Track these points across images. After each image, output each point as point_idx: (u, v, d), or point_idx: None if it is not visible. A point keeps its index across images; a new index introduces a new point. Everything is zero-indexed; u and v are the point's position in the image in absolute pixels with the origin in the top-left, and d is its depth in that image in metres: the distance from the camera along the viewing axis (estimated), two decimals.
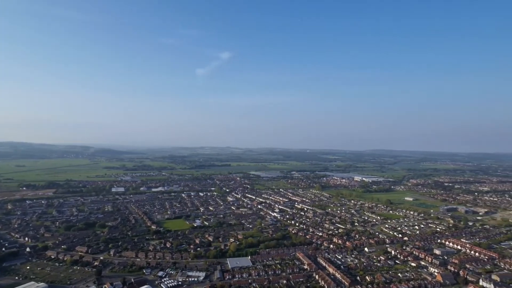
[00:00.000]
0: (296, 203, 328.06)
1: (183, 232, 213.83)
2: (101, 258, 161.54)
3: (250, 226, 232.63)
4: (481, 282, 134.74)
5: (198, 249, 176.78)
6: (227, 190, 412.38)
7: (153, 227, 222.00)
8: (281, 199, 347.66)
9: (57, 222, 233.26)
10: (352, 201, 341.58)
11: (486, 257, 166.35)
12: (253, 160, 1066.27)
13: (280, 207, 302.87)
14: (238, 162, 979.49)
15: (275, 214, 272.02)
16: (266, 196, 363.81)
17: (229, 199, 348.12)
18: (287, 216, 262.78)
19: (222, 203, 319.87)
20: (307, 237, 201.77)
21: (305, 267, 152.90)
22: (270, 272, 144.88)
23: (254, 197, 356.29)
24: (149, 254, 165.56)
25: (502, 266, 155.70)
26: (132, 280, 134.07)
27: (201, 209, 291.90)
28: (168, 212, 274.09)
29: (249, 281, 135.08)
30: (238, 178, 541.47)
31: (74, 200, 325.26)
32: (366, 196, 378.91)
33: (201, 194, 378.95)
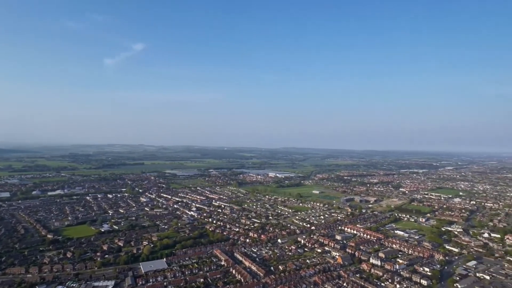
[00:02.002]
0: (213, 200, 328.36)
1: (87, 239, 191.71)
2: None
3: (166, 227, 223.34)
4: (371, 260, 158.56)
5: (106, 256, 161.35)
6: (140, 190, 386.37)
7: (49, 236, 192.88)
8: (198, 197, 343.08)
9: None
10: (267, 196, 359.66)
11: (375, 238, 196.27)
12: (168, 158, 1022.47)
13: (198, 205, 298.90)
14: (152, 160, 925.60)
15: (192, 213, 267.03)
16: (182, 195, 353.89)
17: (143, 199, 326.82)
18: (205, 214, 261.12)
19: (134, 205, 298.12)
20: (225, 233, 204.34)
21: (223, 263, 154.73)
22: (187, 272, 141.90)
23: (170, 197, 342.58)
24: (44, 268, 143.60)
25: (386, 245, 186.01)
26: None
27: (110, 212, 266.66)
28: (69, 218, 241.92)
29: (165, 283, 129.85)
30: (152, 177, 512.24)
31: None
32: (279, 191, 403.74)
33: (109, 196, 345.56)
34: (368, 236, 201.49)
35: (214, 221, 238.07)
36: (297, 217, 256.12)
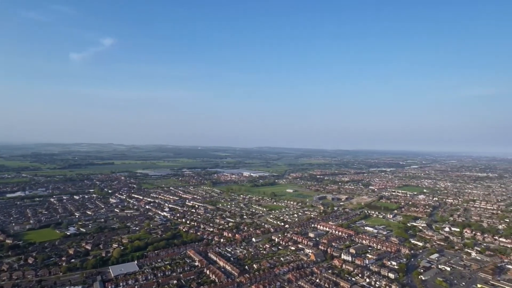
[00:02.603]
0: (187, 200, 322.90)
1: (51, 243, 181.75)
2: None
3: (137, 228, 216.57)
4: (342, 256, 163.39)
5: (73, 260, 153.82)
6: (110, 191, 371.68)
7: (8, 241, 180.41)
8: (171, 197, 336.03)
9: None
10: (241, 195, 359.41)
11: (346, 235, 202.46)
12: (140, 158, 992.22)
13: (170, 205, 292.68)
14: (123, 160, 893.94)
15: (164, 213, 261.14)
16: (155, 196, 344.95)
17: (112, 200, 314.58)
18: (178, 215, 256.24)
19: (103, 206, 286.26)
20: (198, 233, 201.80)
21: (196, 263, 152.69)
22: (159, 274, 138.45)
23: (141, 197, 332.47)
24: (2, 275, 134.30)
25: (357, 241, 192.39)
26: None
27: (77, 214, 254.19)
28: (31, 221, 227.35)
29: (136, 287, 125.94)
30: (122, 178, 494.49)
31: None
32: (253, 190, 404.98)
33: (76, 197, 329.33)
34: (340, 233, 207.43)
35: (188, 222, 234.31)
36: (271, 216, 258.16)
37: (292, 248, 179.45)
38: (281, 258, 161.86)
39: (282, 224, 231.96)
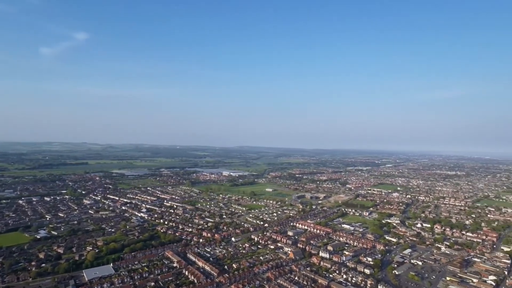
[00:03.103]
0: (165, 201, 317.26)
1: (20, 247, 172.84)
2: None
3: (113, 230, 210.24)
4: (320, 253, 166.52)
5: (43, 265, 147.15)
6: (83, 192, 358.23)
7: None
8: (148, 198, 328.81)
9: None
10: (221, 195, 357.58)
11: (324, 233, 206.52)
12: (116, 158, 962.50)
13: (148, 206, 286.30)
14: (98, 160, 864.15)
15: (142, 214, 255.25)
16: (131, 196, 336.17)
17: (86, 202, 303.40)
18: (156, 215, 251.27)
19: (76, 208, 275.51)
20: (177, 234, 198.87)
21: (175, 265, 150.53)
22: (136, 277, 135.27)
23: (117, 198, 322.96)
24: None
25: (334, 238, 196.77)
26: None
27: (48, 216, 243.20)
28: None
29: None
30: (97, 178, 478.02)
31: None
32: (233, 189, 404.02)
33: (47, 198, 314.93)
34: (318, 231, 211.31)
35: (166, 222, 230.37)
36: (250, 215, 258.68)
37: (272, 246, 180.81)
38: (261, 257, 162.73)
39: (262, 223, 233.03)
